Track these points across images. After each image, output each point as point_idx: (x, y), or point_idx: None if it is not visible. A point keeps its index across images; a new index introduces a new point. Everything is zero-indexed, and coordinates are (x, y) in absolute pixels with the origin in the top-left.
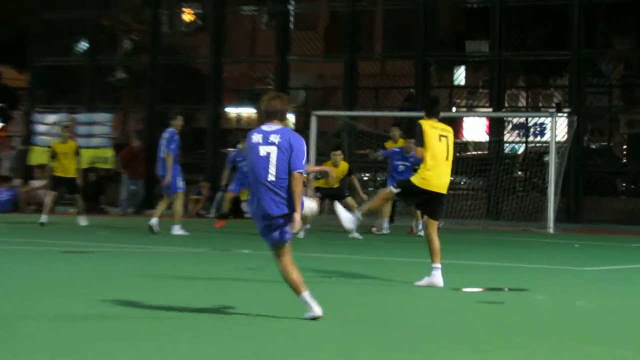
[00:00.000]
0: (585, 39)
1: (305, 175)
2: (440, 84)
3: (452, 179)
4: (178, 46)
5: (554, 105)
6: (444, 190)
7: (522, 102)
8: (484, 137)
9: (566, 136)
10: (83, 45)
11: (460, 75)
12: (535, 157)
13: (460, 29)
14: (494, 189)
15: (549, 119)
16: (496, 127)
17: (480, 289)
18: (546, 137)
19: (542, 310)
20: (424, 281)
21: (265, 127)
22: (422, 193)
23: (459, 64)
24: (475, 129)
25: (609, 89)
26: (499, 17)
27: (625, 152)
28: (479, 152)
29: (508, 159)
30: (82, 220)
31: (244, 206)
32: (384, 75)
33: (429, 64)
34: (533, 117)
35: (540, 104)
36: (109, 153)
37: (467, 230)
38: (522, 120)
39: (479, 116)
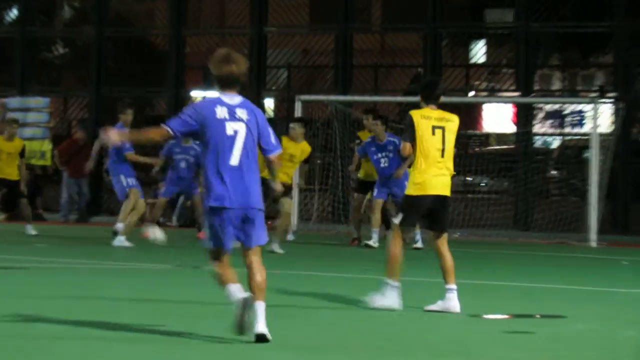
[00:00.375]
0: (636, 7)
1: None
2: (454, 62)
3: (470, 179)
4: (129, 15)
5: (595, 89)
6: (446, 192)
7: (556, 85)
8: (510, 128)
9: (611, 127)
10: (12, 13)
11: (478, 52)
12: (573, 153)
13: None
14: (523, 192)
15: (590, 105)
16: (524, 116)
17: (505, 316)
18: (586, 129)
19: (581, 343)
20: (437, 305)
21: (227, 99)
22: (423, 203)
23: (477, 37)
24: (499, 117)
25: None
26: None
27: None
28: (504, 147)
29: (539, 155)
30: (31, 229)
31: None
32: (384, 51)
33: (440, 38)
34: (570, 103)
35: (579, 88)
36: (46, 146)
37: (489, 243)
38: (557, 107)
39: (503, 102)
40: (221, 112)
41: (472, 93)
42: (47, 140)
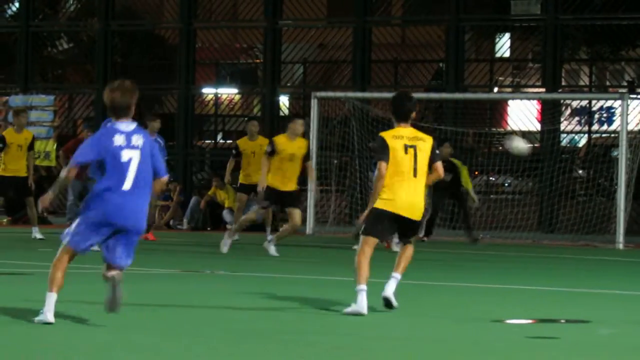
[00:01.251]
0: None
1: None
2: (477, 56)
3: (493, 179)
4: (137, 8)
5: (625, 84)
6: (415, 216)
7: (584, 80)
8: (535, 126)
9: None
10: (14, 6)
11: (503, 46)
12: (601, 152)
13: None
14: (548, 192)
15: (619, 102)
16: (550, 113)
17: (529, 321)
18: (615, 126)
19: (606, 348)
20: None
21: (123, 127)
22: (389, 218)
23: (502, 30)
24: (524, 114)
25: None
26: None
27: None
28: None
29: (565, 154)
30: (37, 232)
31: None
32: (405, 45)
33: (463, 31)
34: (598, 99)
35: (608, 83)
36: (51, 146)
37: (513, 246)
38: (584, 103)
39: (528, 98)
40: (118, 140)
41: (496, 89)
42: (52, 139)
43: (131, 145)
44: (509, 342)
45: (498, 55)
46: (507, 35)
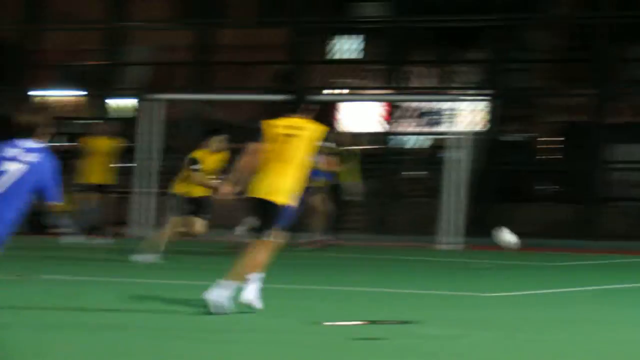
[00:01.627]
0: (510, 2)
1: None
2: (320, 58)
3: None
4: None
5: (465, 86)
6: (271, 197)
7: (425, 82)
8: (372, 127)
9: (479, 125)
10: None
11: (347, 47)
12: (436, 152)
13: None
14: (379, 194)
15: (459, 103)
16: (393, 115)
17: (358, 322)
18: (453, 127)
19: (431, 348)
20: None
21: (20, 142)
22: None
23: (346, 32)
24: (362, 116)
25: (536, 65)
26: None
27: (558, 146)
28: (369, 147)
29: (397, 155)
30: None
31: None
32: (247, 47)
33: (304, 33)
34: (439, 101)
35: (448, 85)
36: None
37: (342, 248)
38: (425, 105)
39: (372, 100)
40: (9, 152)
41: (338, 90)
42: None
43: (18, 159)
44: (331, 344)
45: (341, 56)
46: (351, 36)
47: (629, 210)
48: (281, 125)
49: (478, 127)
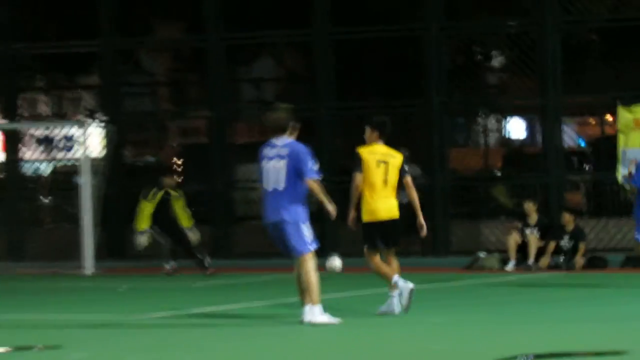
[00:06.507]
0: (119, 26)
1: None
2: None
3: None
4: None
5: (84, 111)
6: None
7: (44, 109)
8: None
9: (103, 150)
10: None
11: None
12: (66, 179)
13: None
14: (15, 221)
15: (79, 129)
16: (11, 143)
17: (5, 349)
18: (77, 153)
19: None
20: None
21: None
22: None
23: None
24: None
25: (153, 87)
26: (7, 0)
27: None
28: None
29: (30, 183)
30: None
31: None
32: None
33: None
34: (58, 127)
35: (67, 111)
36: None
37: None
38: (46, 132)
39: None
40: (270, 152)
41: None
42: None
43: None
44: None
45: None
46: None
47: (256, 228)
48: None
49: (99, 153)
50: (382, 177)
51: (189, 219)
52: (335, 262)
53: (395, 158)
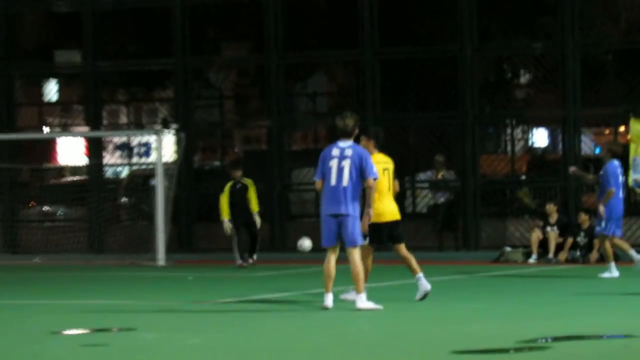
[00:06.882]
0: (191, 46)
1: None
2: (28, 100)
3: (48, 209)
4: None
5: (159, 121)
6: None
7: (123, 119)
8: (83, 161)
9: (174, 156)
10: None
11: (51, 91)
12: (141, 181)
13: (48, 37)
14: (96, 218)
15: (154, 137)
16: (95, 149)
17: (85, 331)
18: (152, 158)
19: (150, 351)
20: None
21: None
22: None
23: (49, 77)
24: (72, 151)
25: (220, 100)
26: (92, 23)
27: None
28: (77, 178)
29: (110, 185)
30: None
31: None
32: None
33: (13, 78)
34: (136, 135)
35: (144, 121)
36: None
37: (67, 267)
38: (125, 139)
39: (75, 136)
40: (335, 152)
41: (46, 129)
42: None
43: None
44: (66, 350)
45: (47, 99)
46: (54, 81)
47: (308, 225)
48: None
49: (172, 158)
50: (387, 183)
51: (257, 205)
52: (306, 242)
53: (392, 165)
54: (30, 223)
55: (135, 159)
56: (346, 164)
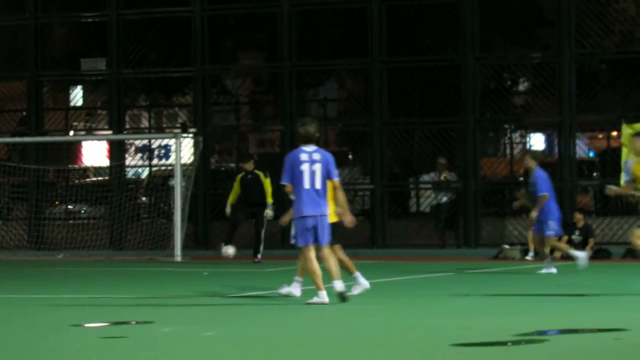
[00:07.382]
0: (209, 54)
1: None
2: (55, 105)
3: (71, 207)
4: None
5: (178, 125)
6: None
7: (144, 123)
8: (105, 162)
9: (192, 158)
10: None
11: (76, 96)
12: (160, 181)
13: (75, 45)
14: (117, 217)
15: (173, 140)
16: (117, 151)
17: (104, 324)
18: (171, 160)
19: (167, 343)
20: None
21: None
22: None
23: (75, 83)
24: (95, 153)
25: (236, 106)
26: (117, 32)
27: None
28: (100, 178)
29: (131, 184)
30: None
31: None
32: None
33: (41, 84)
34: (156, 138)
35: (164, 125)
36: None
37: (89, 262)
38: (146, 142)
39: (99, 139)
40: (303, 156)
41: (71, 132)
42: None
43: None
44: (86, 342)
45: (72, 104)
46: (79, 87)
47: None
48: None
49: (189, 160)
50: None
51: (271, 197)
52: (229, 250)
53: None
54: (55, 221)
55: (155, 161)
56: (317, 167)
